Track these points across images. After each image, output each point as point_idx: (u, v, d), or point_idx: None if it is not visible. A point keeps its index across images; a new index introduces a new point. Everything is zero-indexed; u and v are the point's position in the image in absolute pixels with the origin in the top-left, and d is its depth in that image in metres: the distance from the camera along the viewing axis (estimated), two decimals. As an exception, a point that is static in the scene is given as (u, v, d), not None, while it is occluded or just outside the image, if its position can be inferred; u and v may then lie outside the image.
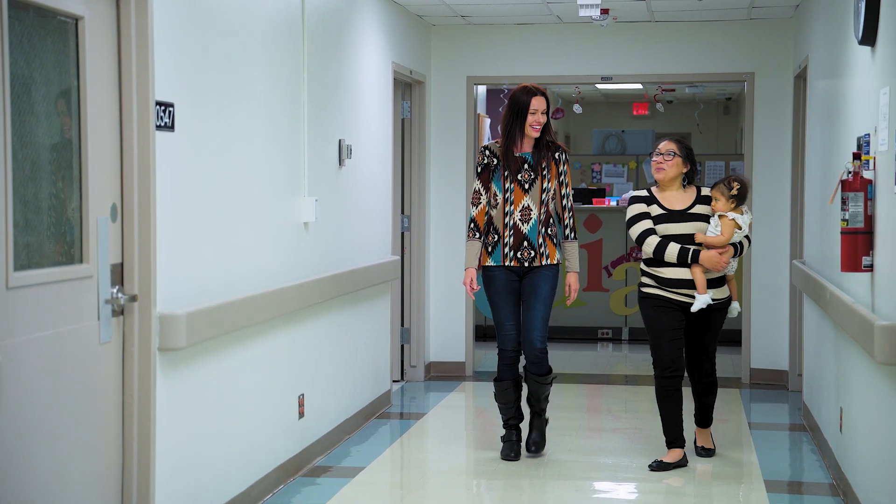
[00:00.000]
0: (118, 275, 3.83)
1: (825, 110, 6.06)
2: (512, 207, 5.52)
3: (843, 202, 4.45)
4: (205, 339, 4.23)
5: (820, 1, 6.37)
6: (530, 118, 5.46)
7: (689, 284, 5.33)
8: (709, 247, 5.31)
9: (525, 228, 5.52)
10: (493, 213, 5.55)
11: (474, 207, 5.58)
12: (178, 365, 4.12)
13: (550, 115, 5.56)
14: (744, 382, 8.03)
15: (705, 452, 5.71)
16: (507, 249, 5.53)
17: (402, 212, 8.01)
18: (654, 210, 5.40)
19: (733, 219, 5.31)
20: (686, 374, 5.56)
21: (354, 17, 6.40)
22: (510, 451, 5.67)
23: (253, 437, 4.88)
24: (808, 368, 6.66)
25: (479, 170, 5.58)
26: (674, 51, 8.13)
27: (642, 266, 5.45)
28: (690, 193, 5.46)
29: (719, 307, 5.44)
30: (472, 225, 5.59)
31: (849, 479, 4.97)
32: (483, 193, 5.56)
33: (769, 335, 7.98)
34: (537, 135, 5.50)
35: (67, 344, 3.52)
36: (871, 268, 4.41)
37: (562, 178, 5.59)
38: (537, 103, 5.46)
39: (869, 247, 4.40)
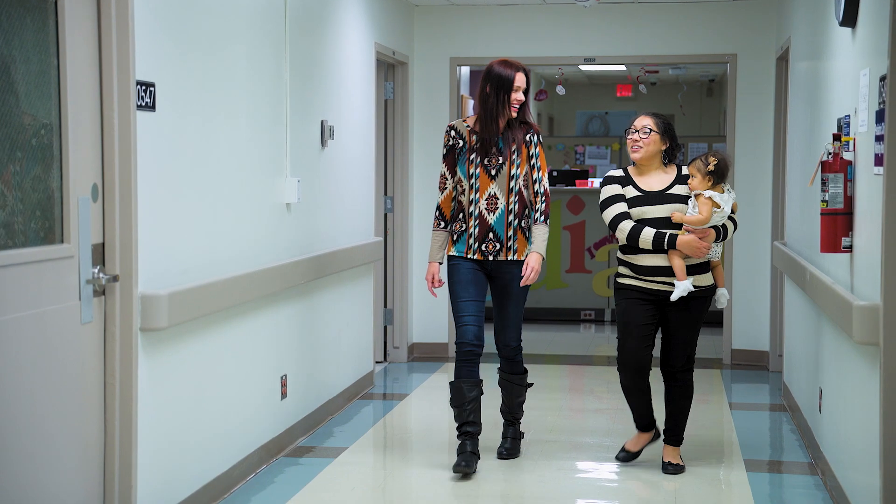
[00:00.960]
0: (99, 255, 3.82)
1: (806, 92, 6.08)
2: (477, 195, 5.00)
3: (823, 183, 4.48)
4: (186, 319, 4.22)
5: (802, -17, 6.37)
6: (514, 95, 4.97)
7: (668, 272, 4.86)
8: (688, 231, 4.85)
9: (491, 219, 4.99)
10: (462, 199, 5.06)
11: (440, 193, 5.11)
12: (159, 345, 4.12)
13: (533, 96, 5.36)
14: (724, 363, 8.08)
15: (673, 469, 5.11)
16: (471, 240, 5.03)
17: (385, 193, 8.00)
18: (630, 192, 4.92)
19: (710, 197, 4.82)
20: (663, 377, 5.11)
21: (337, -3, 6.37)
22: (464, 463, 5.01)
23: (235, 417, 4.88)
24: (789, 349, 6.71)
25: (444, 151, 5.10)
26: (657, 32, 8.14)
27: (618, 254, 5.01)
28: (671, 173, 4.98)
29: (702, 295, 4.95)
30: (437, 213, 5.11)
31: (827, 459, 5.01)
32: (449, 178, 5.08)
33: (750, 316, 8.02)
34: (516, 114, 5.00)
35: (48, 324, 3.51)
36: (850, 249, 4.44)
37: (533, 161, 5.05)
38: (520, 80, 4.99)
39: (848, 228, 4.43)
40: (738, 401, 6.91)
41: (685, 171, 4.98)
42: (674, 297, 4.85)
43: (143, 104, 3.96)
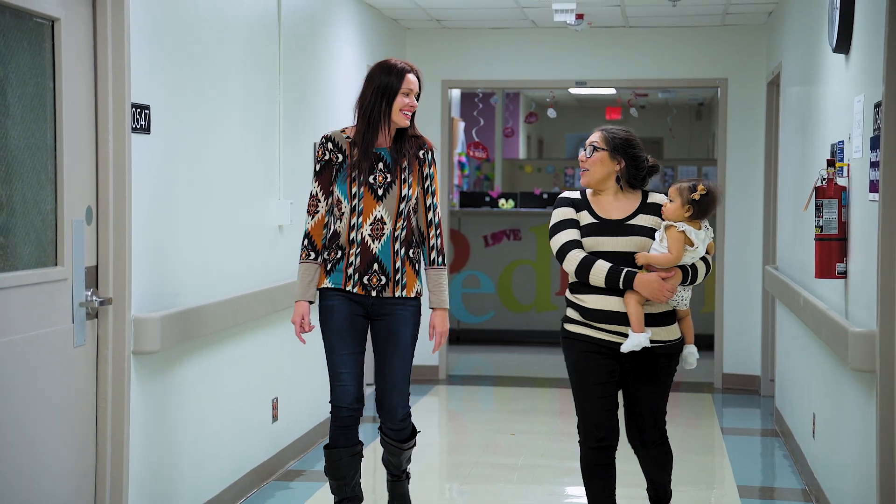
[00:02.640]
0: (93, 278, 3.80)
1: (799, 117, 6.10)
2: (360, 219, 4.10)
3: (818, 209, 4.49)
4: (179, 342, 4.20)
5: (793, 9, 6.42)
6: (400, 101, 4.11)
7: (624, 319, 3.90)
8: (650, 269, 3.92)
9: (376, 247, 4.11)
10: (339, 226, 4.14)
11: (310, 218, 4.15)
12: (151, 368, 4.09)
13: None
14: (716, 387, 8.07)
15: None
16: (350, 270, 4.12)
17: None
18: (585, 218, 3.98)
19: (683, 231, 3.90)
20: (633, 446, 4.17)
21: (330, 19, 6.38)
22: None
23: (226, 440, 4.85)
24: (781, 374, 6.71)
25: (317, 167, 4.17)
26: (648, 56, 8.17)
27: (567, 293, 4.04)
28: (632, 199, 4.01)
29: (666, 352, 3.97)
30: (305, 241, 4.16)
31: (821, 485, 5.00)
32: (322, 200, 4.15)
33: (741, 340, 8.03)
34: (407, 123, 4.15)
35: (41, 347, 3.48)
36: (844, 274, 4.45)
37: (427, 183, 4.19)
38: (410, 82, 4.14)
39: (843, 253, 4.43)
40: (729, 425, 6.90)
41: (654, 197, 4.03)
42: (623, 349, 3.88)
43: (139, 126, 3.94)
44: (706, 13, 7.52)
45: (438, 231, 4.22)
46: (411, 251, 4.20)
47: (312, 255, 4.17)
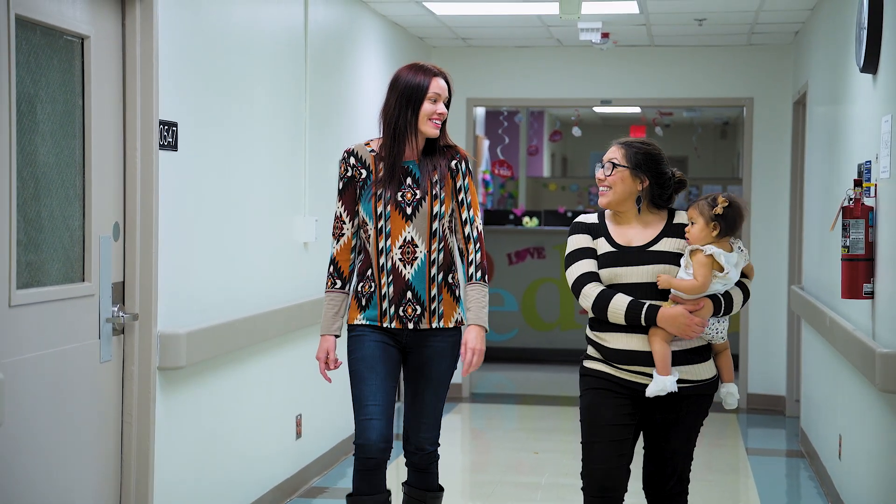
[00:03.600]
0: (119, 293, 3.82)
1: (825, 136, 6.08)
2: (388, 242, 3.67)
3: (844, 229, 4.46)
4: (204, 358, 4.21)
5: (820, 28, 6.40)
6: (428, 108, 3.68)
7: (650, 359, 3.42)
8: (676, 301, 3.43)
9: (408, 273, 3.67)
10: (369, 248, 3.72)
11: (335, 242, 3.73)
12: (177, 384, 4.11)
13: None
14: (741, 407, 8.02)
15: None
16: (385, 304, 3.69)
17: (401, 232, 7.99)
18: (602, 246, 3.52)
19: (711, 255, 3.40)
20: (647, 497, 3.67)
21: (356, 37, 6.42)
22: None
23: (250, 456, 4.86)
24: (807, 394, 6.66)
25: (339, 185, 3.75)
26: (674, 75, 8.16)
27: (586, 330, 3.59)
28: (657, 221, 3.54)
29: (697, 394, 3.48)
30: (331, 268, 3.74)
31: (847, 507, 4.96)
32: (347, 221, 3.72)
33: (767, 360, 7.97)
34: (437, 133, 3.70)
35: (68, 362, 3.51)
36: (871, 295, 4.42)
37: (462, 196, 3.74)
38: (438, 87, 3.70)
39: (870, 274, 4.40)
40: (754, 446, 6.85)
41: (682, 217, 3.54)
42: (648, 393, 3.40)
43: (166, 143, 3.97)
44: (732, 32, 7.51)
45: (479, 246, 3.74)
46: (450, 276, 3.74)
47: (339, 283, 3.73)
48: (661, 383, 3.39)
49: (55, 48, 3.45)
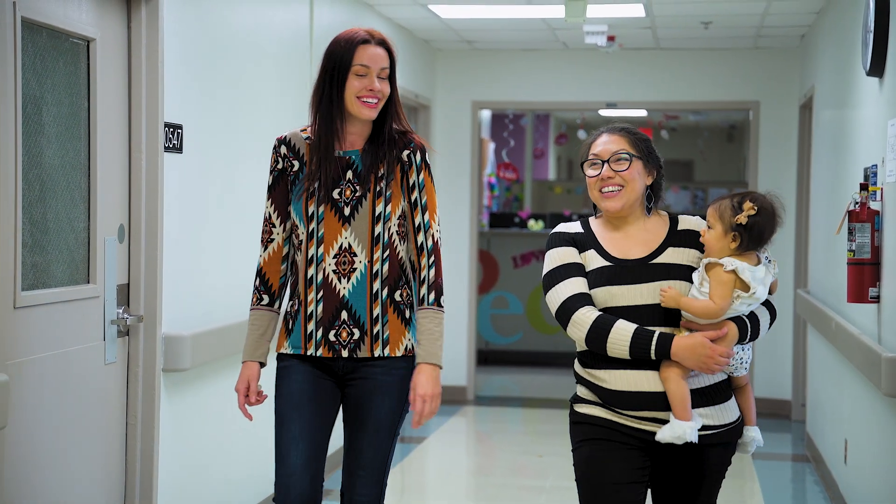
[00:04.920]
0: (124, 296, 3.82)
1: (832, 140, 6.07)
2: (321, 250, 3.00)
3: (850, 233, 4.45)
4: (209, 360, 4.22)
5: (826, 32, 6.39)
6: (354, 85, 2.99)
7: (661, 401, 2.77)
8: (691, 329, 2.79)
9: (344, 288, 2.99)
10: (297, 257, 3.07)
11: (262, 250, 3.11)
12: (181, 386, 4.11)
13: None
14: (746, 411, 8.00)
15: None
16: (310, 326, 3.02)
17: (406, 235, 7.99)
18: (593, 260, 2.86)
19: (733, 270, 2.75)
20: None
21: (362, 40, 6.41)
22: None
23: (255, 459, 4.86)
24: (812, 399, 6.64)
25: (270, 181, 3.11)
26: (680, 78, 8.15)
27: (575, 366, 2.92)
28: (657, 227, 2.91)
29: (720, 442, 2.83)
30: (257, 280, 3.12)
31: (853, 511, 4.95)
32: (277, 224, 3.09)
33: (772, 364, 7.96)
34: (372, 115, 3.00)
35: (73, 364, 3.51)
36: (877, 299, 4.40)
37: (415, 195, 3.04)
38: (370, 57, 3.01)
39: (875, 278, 4.39)
40: (760, 450, 6.82)
41: (687, 222, 2.92)
42: (661, 438, 2.75)
43: (171, 146, 3.97)
44: (738, 36, 7.50)
45: (434, 259, 3.04)
46: (398, 293, 3.02)
47: (266, 299, 3.09)
48: (680, 429, 2.71)
49: (61, 50, 3.45)
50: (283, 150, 3.08)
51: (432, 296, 3.02)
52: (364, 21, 6.45)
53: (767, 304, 2.89)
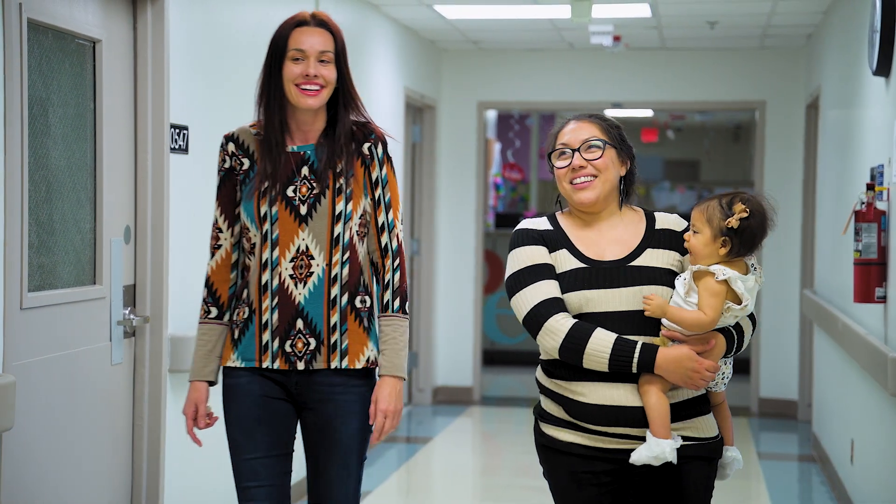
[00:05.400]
0: (130, 296, 3.83)
1: (838, 140, 6.06)
2: (276, 253, 2.76)
3: (857, 233, 4.44)
4: (215, 361, 4.21)
5: (833, 32, 6.38)
6: (291, 70, 2.77)
7: (637, 417, 2.53)
8: (675, 339, 2.55)
9: (300, 294, 2.76)
10: (250, 262, 2.83)
11: (210, 258, 2.88)
12: (188, 386, 4.10)
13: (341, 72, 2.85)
14: (752, 412, 7.99)
15: None
16: (266, 336, 2.78)
17: (412, 235, 8.01)
18: (565, 261, 2.60)
19: (725, 279, 2.52)
20: None
21: (368, 41, 6.42)
22: None
23: (261, 460, 4.86)
24: (819, 399, 6.63)
25: (217, 181, 2.88)
26: (685, 78, 8.15)
27: (538, 373, 2.69)
28: (634, 225, 2.67)
29: (700, 456, 2.60)
30: (206, 292, 2.88)
31: (860, 512, 4.94)
32: (225, 229, 2.85)
33: (778, 364, 7.95)
34: (313, 103, 2.77)
35: (79, 365, 3.51)
36: (884, 299, 4.40)
37: (378, 192, 2.82)
38: (306, 41, 2.79)
39: (882, 278, 4.39)
40: (766, 450, 6.83)
41: (665, 221, 2.69)
42: (636, 460, 2.51)
43: (177, 147, 3.98)
44: (744, 35, 7.49)
45: (398, 263, 2.79)
46: (359, 299, 2.78)
47: (214, 311, 2.84)
48: (658, 448, 2.48)
49: (67, 52, 3.46)
50: (231, 147, 2.85)
51: (397, 302, 2.79)
52: (370, 21, 6.46)
53: (752, 318, 2.68)
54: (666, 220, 2.68)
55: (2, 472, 3.08)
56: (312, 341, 2.75)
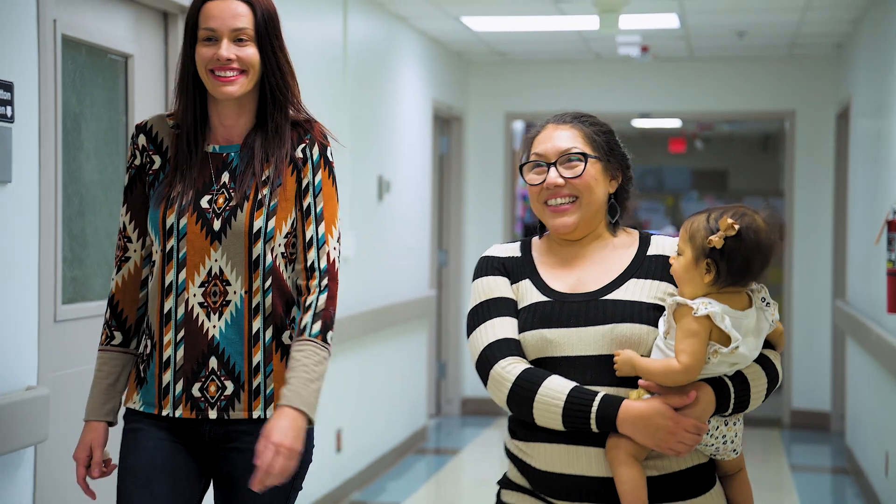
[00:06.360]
0: (162, 309, 3.84)
1: (870, 149, 6.01)
2: (182, 276, 2.27)
3: (889, 242, 4.40)
4: (246, 373, 4.21)
5: (863, 41, 6.34)
6: (203, 54, 2.26)
7: (603, 491, 2.01)
8: (651, 391, 2.00)
9: (214, 328, 2.26)
10: (151, 284, 2.32)
11: (115, 271, 2.36)
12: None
13: (275, 56, 2.32)
14: (784, 423, 7.93)
15: None
16: (167, 376, 2.28)
17: (440, 246, 8.01)
18: (526, 294, 2.14)
19: (707, 315, 1.97)
20: None
21: (395, 53, 6.44)
22: None
23: (291, 472, 4.86)
24: (852, 410, 6.57)
25: (126, 181, 2.37)
26: (714, 88, 8.12)
27: (506, 439, 2.18)
28: (622, 251, 2.16)
29: None
30: (108, 313, 2.36)
31: (894, 525, 4.88)
32: (135, 239, 2.35)
33: (811, 375, 7.88)
34: (230, 92, 2.25)
35: (111, 378, 3.52)
36: (918, 310, 4.35)
37: (308, 201, 2.33)
38: (217, 16, 2.25)
39: (916, 289, 4.34)
40: (798, 462, 6.77)
41: (660, 245, 2.16)
42: None
43: (208, 160, 3.99)
44: (773, 45, 7.45)
45: (326, 283, 2.29)
46: (286, 334, 2.29)
47: (118, 337, 2.34)
48: None
49: (99, 67, 3.49)
50: (142, 140, 2.33)
51: (317, 326, 2.24)
52: (398, 34, 6.48)
53: (767, 363, 2.06)
54: (661, 245, 2.14)
55: (36, 483, 3.09)
56: (230, 385, 2.24)
